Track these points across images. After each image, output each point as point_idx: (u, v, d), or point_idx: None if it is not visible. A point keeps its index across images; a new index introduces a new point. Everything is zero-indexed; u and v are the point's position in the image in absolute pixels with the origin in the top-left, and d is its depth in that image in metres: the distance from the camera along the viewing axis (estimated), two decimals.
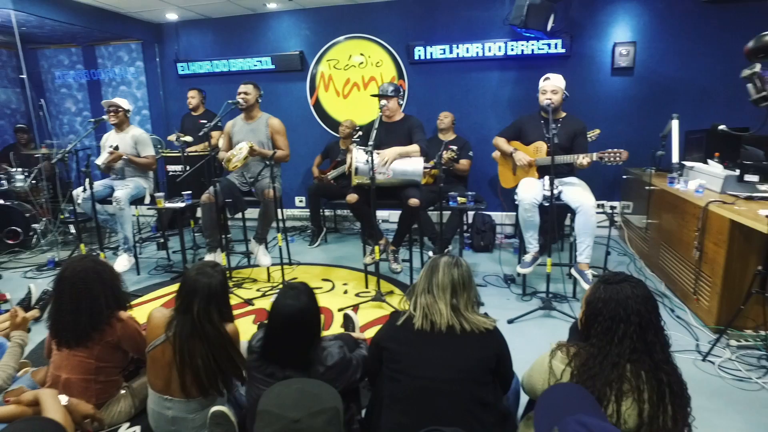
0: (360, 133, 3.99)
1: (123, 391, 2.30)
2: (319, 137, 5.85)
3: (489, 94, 5.41)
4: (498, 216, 5.20)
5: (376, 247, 3.43)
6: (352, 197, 3.54)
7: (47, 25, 5.39)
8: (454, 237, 4.67)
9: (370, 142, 3.23)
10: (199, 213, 5.34)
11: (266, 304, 3.55)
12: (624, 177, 4.94)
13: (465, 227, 5.04)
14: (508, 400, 1.91)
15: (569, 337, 2.29)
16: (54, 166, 4.87)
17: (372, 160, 3.21)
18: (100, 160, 4.31)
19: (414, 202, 3.48)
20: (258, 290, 3.80)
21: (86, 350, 2.13)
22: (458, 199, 3.72)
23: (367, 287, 3.80)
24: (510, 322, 3.17)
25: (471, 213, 4.97)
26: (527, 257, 3.53)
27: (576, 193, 3.38)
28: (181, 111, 5.74)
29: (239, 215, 4.62)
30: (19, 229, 5.11)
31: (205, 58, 6.14)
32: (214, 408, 2.01)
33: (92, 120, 4.28)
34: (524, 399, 1.88)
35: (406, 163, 3.51)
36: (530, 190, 3.42)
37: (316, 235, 5.09)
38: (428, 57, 5.40)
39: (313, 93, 5.91)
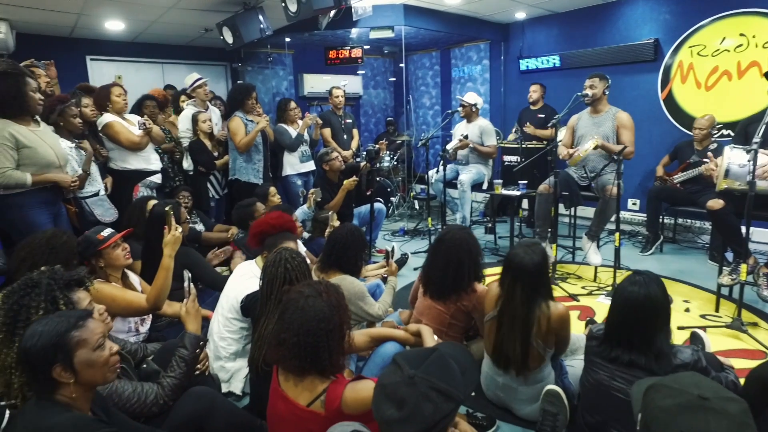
0: (722, 132, 3.38)
1: None
2: (666, 135, 5.20)
3: None
4: None
5: (743, 266, 2.86)
6: (716, 203, 3.04)
7: (420, 35, 6.46)
8: None
9: (755, 139, 2.68)
10: (524, 204, 5.57)
11: (592, 302, 3.44)
12: None
13: None
14: None
15: None
16: (411, 150, 5.86)
17: (755, 162, 2.67)
18: (450, 146, 4.97)
19: None
20: (583, 288, 3.70)
21: (444, 305, 2.50)
22: None
23: (717, 311, 3.22)
24: None
25: None
26: None
27: None
28: (519, 106, 6.02)
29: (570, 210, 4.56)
30: (381, 200, 6.38)
31: (547, 53, 6.23)
32: (549, 386, 2.09)
33: (449, 111, 4.96)
34: None
35: None
36: None
37: (650, 242, 4.59)
38: None
39: (665, 85, 5.28)
